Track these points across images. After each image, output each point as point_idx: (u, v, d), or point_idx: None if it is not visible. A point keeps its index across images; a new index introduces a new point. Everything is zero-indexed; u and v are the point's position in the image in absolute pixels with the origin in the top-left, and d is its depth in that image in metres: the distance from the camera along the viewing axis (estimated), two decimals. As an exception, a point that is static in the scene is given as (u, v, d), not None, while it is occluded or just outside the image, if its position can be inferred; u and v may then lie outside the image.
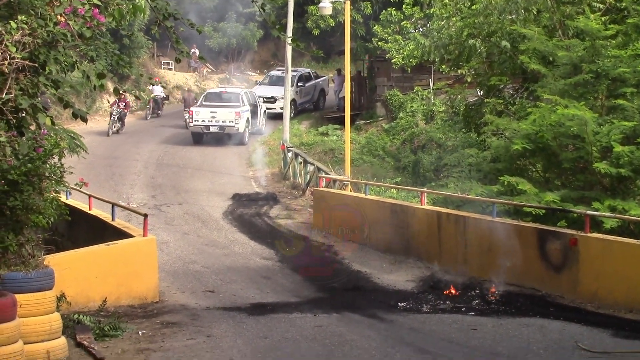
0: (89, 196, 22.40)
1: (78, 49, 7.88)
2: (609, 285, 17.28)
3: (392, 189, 29.64)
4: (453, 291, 18.71)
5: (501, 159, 24.80)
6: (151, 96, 43.05)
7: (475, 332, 15.04)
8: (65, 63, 7.74)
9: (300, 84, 48.89)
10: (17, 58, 6.69)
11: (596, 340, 13.95)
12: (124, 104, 42.15)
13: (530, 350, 13.64)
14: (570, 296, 17.74)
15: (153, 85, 46.55)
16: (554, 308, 16.97)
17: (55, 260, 13.38)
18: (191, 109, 44.43)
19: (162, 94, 48.91)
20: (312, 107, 50.30)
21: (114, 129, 42.93)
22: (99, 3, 7.65)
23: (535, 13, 27.28)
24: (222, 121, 43.01)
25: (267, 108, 46.17)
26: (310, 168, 35.04)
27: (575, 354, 13.13)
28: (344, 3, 37.09)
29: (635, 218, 19.85)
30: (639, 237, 18.81)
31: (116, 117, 42.72)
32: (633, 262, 17.20)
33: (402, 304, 17.84)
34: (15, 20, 6.93)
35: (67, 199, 18.49)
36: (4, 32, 6.78)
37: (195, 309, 16.79)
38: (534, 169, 24.08)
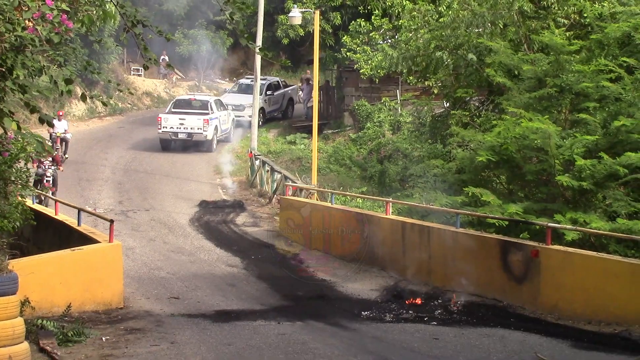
0: (55, 201, 22.44)
1: (46, 54, 7.92)
2: (569, 297, 17.41)
3: (357, 198, 29.72)
4: (416, 301, 18.81)
5: (466, 170, 24.92)
6: (58, 134, 33.30)
7: (437, 341, 15.13)
8: (33, 68, 7.78)
9: (269, 92, 48.99)
10: (-17, 61, 6.71)
11: (556, 351, 14.05)
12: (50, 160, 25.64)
13: (489, 357, 13.74)
14: (531, 307, 17.85)
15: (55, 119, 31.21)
16: (514, 319, 17.08)
17: (19, 265, 13.37)
18: (160, 115, 44.26)
19: (69, 134, 37.46)
20: (280, 115, 50.38)
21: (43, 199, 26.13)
22: (68, 9, 7.68)
23: (501, 27, 27.46)
24: (191, 128, 42.82)
25: (236, 116, 46.14)
26: (277, 176, 35.10)
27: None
28: (314, 13, 37.27)
29: (595, 231, 19.99)
30: (599, 250, 18.95)
31: (50, 179, 26.11)
32: (592, 274, 17.35)
33: (366, 312, 17.92)
34: (-18, 25, 6.95)
35: (32, 203, 18.49)
36: (-30, 37, 6.81)
37: (159, 315, 16.80)
38: (498, 181, 24.22)
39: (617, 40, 24.85)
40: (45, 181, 23.41)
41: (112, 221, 19.65)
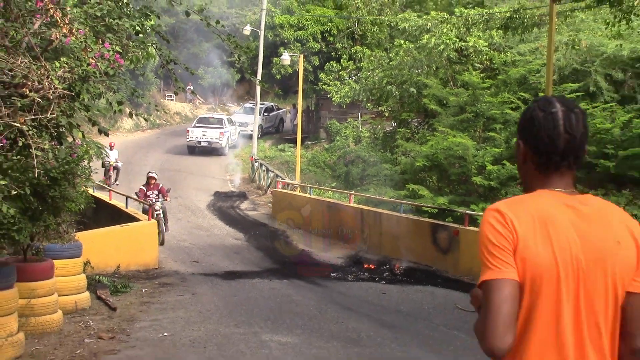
0: (109, 190, 22.49)
1: (104, 83, 7.87)
2: (480, 263, 17.44)
3: (329, 191, 29.66)
4: (370, 266, 18.83)
5: (407, 172, 25.09)
6: (111, 163, 28.80)
7: (384, 295, 15.13)
8: (94, 93, 7.74)
9: (265, 113, 48.80)
10: (59, 88, 6.67)
11: (469, 303, 14.07)
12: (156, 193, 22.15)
13: (423, 309, 13.73)
14: (452, 271, 17.86)
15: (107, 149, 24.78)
16: (441, 279, 17.08)
17: (83, 237, 13.35)
18: (188, 128, 44.35)
19: (120, 163, 32.00)
20: (274, 130, 50.16)
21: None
22: (120, 50, 7.66)
23: (434, 69, 27.54)
24: (210, 138, 43.05)
25: (241, 130, 46.28)
26: (271, 174, 35.02)
27: (454, 312, 13.24)
28: (299, 57, 37.21)
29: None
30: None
31: (159, 212, 21.65)
32: (498, 248, 17.38)
33: (334, 274, 17.94)
34: (59, 61, 6.92)
35: (93, 191, 18.40)
36: (50, 69, 6.77)
37: (184, 274, 16.76)
38: (430, 180, 24.28)
39: (517, 80, 25.01)
40: (155, 215, 20.31)
41: (150, 205, 19.70)
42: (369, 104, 34.37)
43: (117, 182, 25.75)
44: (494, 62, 26.65)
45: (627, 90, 24.08)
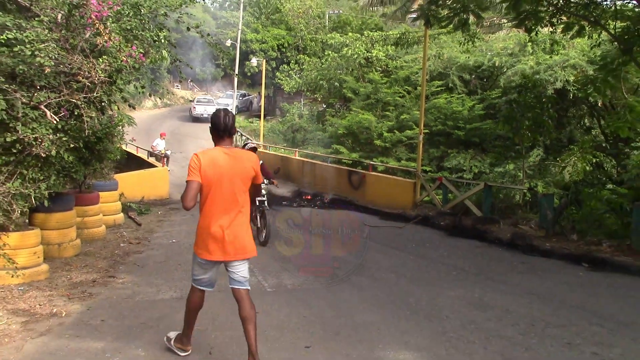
0: (136, 147, 21.97)
1: (132, 74, 7.71)
2: (379, 196, 17.59)
3: (282, 149, 29.57)
4: (308, 197, 18.85)
5: (333, 137, 24.99)
6: (162, 152, 23.65)
7: (317, 215, 15.20)
8: (126, 80, 7.65)
9: (240, 98, 48.36)
10: (102, 76, 6.51)
11: (372, 220, 14.19)
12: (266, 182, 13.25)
13: (342, 225, 13.84)
14: (361, 201, 17.96)
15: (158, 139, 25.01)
16: (354, 206, 17.18)
17: (118, 176, 13.12)
18: (194, 105, 44.80)
19: (169, 151, 25.72)
20: (246, 109, 49.66)
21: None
22: (143, 52, 7.50)
23: (350, 70, 27.44)
24: (208, 113, 43.53)
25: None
26: (244, 137, 34.87)
27: (364, 227, 13.36)
28: (262, 61, 36.96)
29: (391, 165, 20.23)
30: (391, 174, 19.16)
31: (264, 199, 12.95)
32: (389, 185, 17.54)
33: (285, 202, 17.91)
34: (102, 58, 6.77)
35: (125, 147, 18.06)
36: (96, 64, 6.60)
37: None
38: (347, 142, 24.27)
39: (403, 78, 24.99)
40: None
41: (164, 156, 19.44)
42: (308, 93, 34.19)
43: (170, 169, 21.51)
44: (389, 66, 26.69)
45: (472, 86, 24.34)
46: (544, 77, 19.01)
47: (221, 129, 4.62)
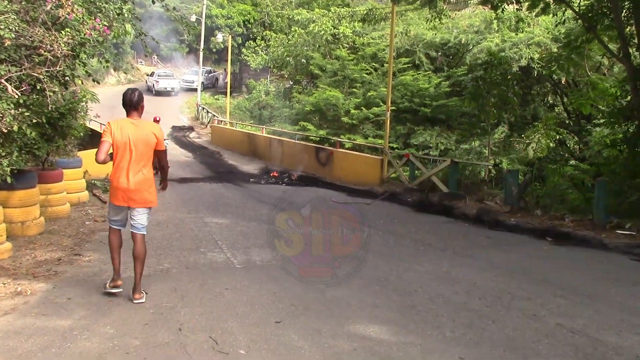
0: (100, 124, 21.55)
1: (96, 48, 7.51)
2: (346, 173, 17.64)
3: (248, 126, 29.37)
4: (275, 174, 18.78)
5: (300, 114, 24.92)
6: None
7: (285, 192, 15.15)
8: (89, 54, 7.44)
9: (206, 74, 47.80)
10: (65, 50, 6.33)
11: (340, 197, 14.21)
12: None
13: (310, 200, 13.84)
14: (329, 178, 18.01)
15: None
16: (321, 183, 17.19)
17: (82, 153, 12.81)
18: (156, 79, 45.57)
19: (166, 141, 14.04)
20: (211, 86, 49.11)
21: None
22: (107, 24, 7.30)
23: (317, 47, 27.28)
24: (172, 87, 45.03)
25: (189, 85, 46.18)
26: (210, 114, 34.50)
27: (329, 203, 13.38)
28: (228, 37, 36.47)
29: (359, 142, 20.26)
30: (358, 151, 19.21)
31: None
32: (356, 162, 17.60)
33: (252, 179, 17.82)
34: (64, 31, 6.57)
35: (89, 124, 17.64)
36: (58, 37, 6.40)
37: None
38: (314, 119, 24.22)
39: (370, 55, 24.96)
40: None
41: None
42: (274, 69, 33.97)
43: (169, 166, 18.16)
44: (356, 43, 26.61)
45: (438, 63, 24.44)
46: (509, 55, 19.19)
47: (129, 104, 5.78)
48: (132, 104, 5.76)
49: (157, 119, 13.21)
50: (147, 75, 49.26)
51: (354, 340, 4.88)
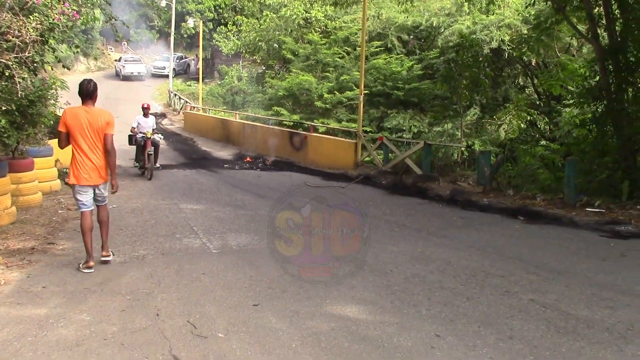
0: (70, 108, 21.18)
1: (65, 33, 7.38)
2: (320, 157, 17.65)
3: (221, 112, 29.15)
4: (249, 160, 18.73)
5: (273, 99, 24.78)
6: (148, 134, 14.41)
7: (260, 177, 15.13)
8: (58, 39, 7.31)
9: (177, 60, 47.34)
10: (33, 35, 6.21)
11: (315, 181, 14.23)
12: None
13: (285, 185, 13.81)
14: (303, 162, 18.02)
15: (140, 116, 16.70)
16: (296, 167, 17.21)
17: (53, 142, 12.62)
18: (123, 64, 45.99)
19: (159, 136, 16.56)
20: (183, 72, 48.64)
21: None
22: (76, 9, 7.18)
23: (289, 31, 27.10)
24: (138, 72, 45.38)
25: (161, 72, 45.84)
26: (182, 101, 34.16)
27: (305, 187, 13.41)
28: (199, 22, 36.07)
29: (332, 126, 20.27)
30: (332, 135, 19.24)
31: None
32: (330, 146, 17.62)
33: (226, 165, 17.73)
34: (33, 16, 6.45)
35: (59, 111, 17.33)
36: (26, 22, 6.28)
37: (125, 168, 16.04)
38: (288, 104, 24.14)
39: (342, 39, 24.90)
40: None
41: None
42: (247, 54, 33.69)
43: (159, 165, 15.02)
44: (328, 27, 26.52)
45: (410, 47, 24.50)
46: (480, 37, 19.31)
47: (84, 93, 6.37)
48: (87, 93, 6.38)
49: (145, 105, 12.77)
50: (116, 61, 48.70)
51: (332, 321, 4.93)
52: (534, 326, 4.87)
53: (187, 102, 33.63)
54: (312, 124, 19.98)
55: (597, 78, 12.54)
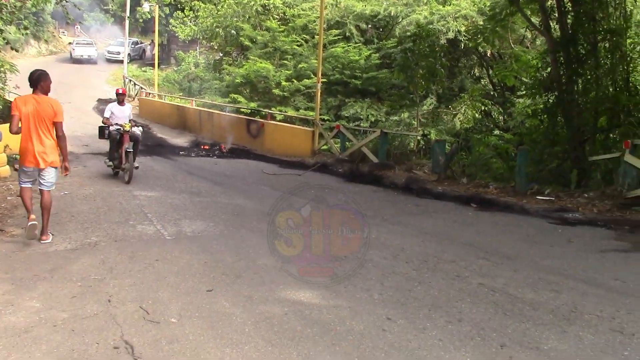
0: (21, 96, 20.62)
1: (14, 15, 7.21)
2: (277, 145, 17.65)
3: (177, 98, 28.81)
4: (206, 147, 18.58)
5: (230, 86, 24.57)
6: (126, 127, 11.16)
7: (216, 165, 15.04)
8: (6, 20, 7.13)
9: (132, 45, 46.38)
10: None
11: (272, 169, 14.24)
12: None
13: (241, 173, 13.76)
14: (260, 149, 17.99)
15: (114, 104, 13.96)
16: (253, 155, 17.16)
17: (2, 128, 12.29)
18: (73, 47, 45.91)
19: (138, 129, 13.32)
20: (138, 57, 47.76)
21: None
22: (25, -8, 7.03)
23: (247, 18, 26.86)
24: (88, 54, 45.31)
25: (114, 58, 45.05)
26: (138, 87, 33.57)
27: (261, 174, 13.38)
28: (155, 7, 35.46)
29: (290, 114, 20.26)
30: (290, 123, 19.24)
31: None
32: (287, 134, 17.65)
33: (182, 152, 17.56)
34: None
35: (7, 96, 16.84)
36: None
37: (77, 154, 15.75)
38: (245, 91, 23.96)
39: (300, 27, 24.81)
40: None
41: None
42: (204, 41, 33.29)
43: (137, 165, 11.95)
44: (286, 14, 26.38)
45: (368, 36, 24.60)
46: (437, 27, 19.52)
47: (33, 82, 6.71)
48: (34, 83, 6.73)
49: (120, 90, 12.20)
50: (70, 44, 47.74)
51: (285, 305, 4.98)
52: (482, 309, 5.01)
53: (142, 88, 33.05)
54: (270, 111, 19.93)
55: (549, 70, 12.86)
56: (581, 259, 6.77)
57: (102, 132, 12.47)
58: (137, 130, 12.23)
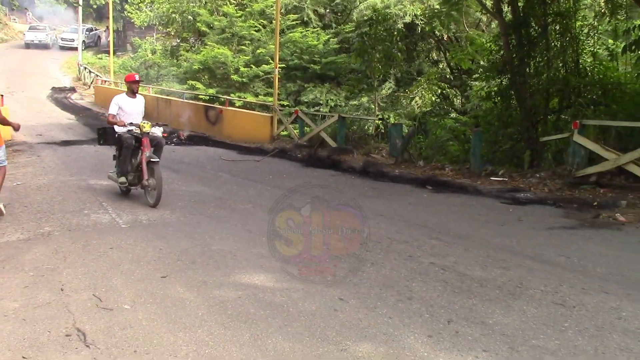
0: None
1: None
2: (236, 131, 17.59)
3: (135, 86, 28.41)
4: (164, 135, 18.34)
5: (188, 73, 24.33)
6: (144, 127, 8.82)
7: (174, 152, 14.89)
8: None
9: (87, 32, 45.46)
10: None
11: (230, 155, 14.22)
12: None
13: (199, 160, 13.70)
14: (219, 136, 17.90)
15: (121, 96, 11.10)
16: (212, 142, 17.05)
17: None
18: (24, 32, 45.88)
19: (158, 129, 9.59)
20: (93, 44, 46.84)
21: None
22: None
23: (204, 3, 26.60)
24: (39, 39, 44.81)
25: (69, 45, 44.14)
26: (93, 75, 33.00)
27: (220, 161, 13.36)
28: (109, -8, 34.91)
29: (250, 100, 20.21)
30: (249, 109, 19.20)
31: None
32: (247, 121, 17.62)
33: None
34: None
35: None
36: None
37: (31, 144, 15.52)
38: (203, 78, 23.76)
39: (258, 12, 24.66)
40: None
41: (1, 95, 17.81)
42: (160, 27, 32.79)
43: (147, 182, 8.53)
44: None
45: (326, 20, 24.62)
46: (394, 11, 19.62)
47: None
48: None
49: (136, 77, 11.66)
50: (23, 33, 46.68)
51: (239, 289, 5.05)
52: (431, 287, 5.17)
53: (97, 75, 32.53)
54: (228, 97, 19.84)
55: (502, 52, 13.10)
56: (530, 236, 7.00)
57: (105, 135, 9.29)
58: (159, 132, 9.09)
